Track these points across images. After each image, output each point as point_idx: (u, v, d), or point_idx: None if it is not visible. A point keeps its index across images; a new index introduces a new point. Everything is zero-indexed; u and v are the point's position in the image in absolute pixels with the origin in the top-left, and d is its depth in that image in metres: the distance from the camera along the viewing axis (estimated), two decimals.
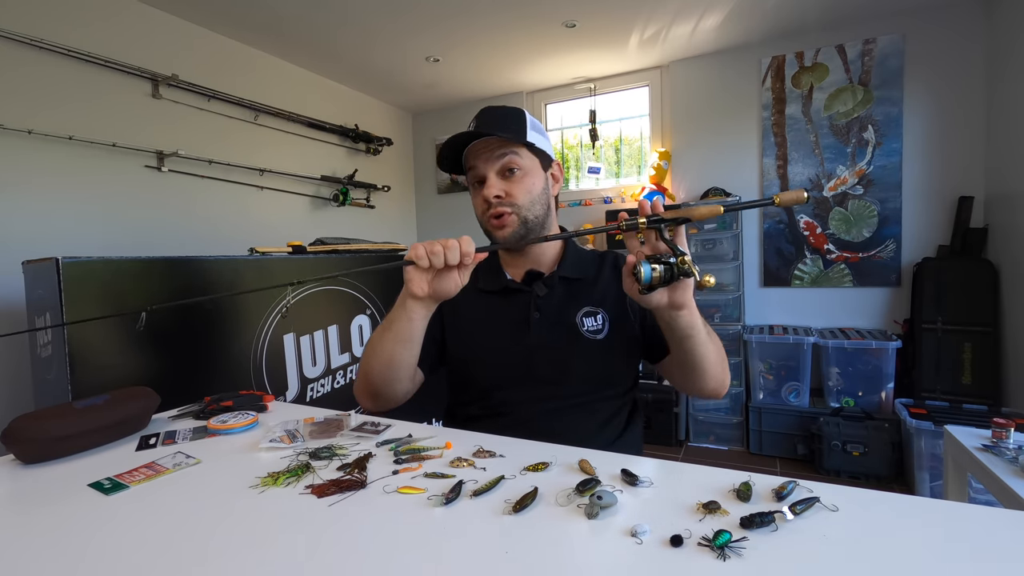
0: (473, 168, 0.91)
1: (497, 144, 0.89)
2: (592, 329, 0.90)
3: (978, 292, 2.41)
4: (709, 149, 3.13)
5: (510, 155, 0.89)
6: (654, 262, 0.64)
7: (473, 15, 2.48)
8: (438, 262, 0.72)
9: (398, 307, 0.80)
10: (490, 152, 0.89)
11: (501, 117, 0.91)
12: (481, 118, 0.90)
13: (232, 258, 1.58)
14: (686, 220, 0.67)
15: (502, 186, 0.89)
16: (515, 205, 0.89)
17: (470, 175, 0.93)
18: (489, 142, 0.89)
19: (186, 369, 1.41)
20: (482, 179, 0.90)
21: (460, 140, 0.89)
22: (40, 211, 1.91)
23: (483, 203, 0.90)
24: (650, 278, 0.64)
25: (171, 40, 2.34)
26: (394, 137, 3.75)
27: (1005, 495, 1.08)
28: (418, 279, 0.75)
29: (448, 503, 0.52)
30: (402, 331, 0.79)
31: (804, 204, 0.64)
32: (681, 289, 0.69)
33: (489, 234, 0.93)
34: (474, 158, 0.91)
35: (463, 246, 0.73)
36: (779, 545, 0.43)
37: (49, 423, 0.68)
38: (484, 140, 0.89)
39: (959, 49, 2.55)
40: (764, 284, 3.03)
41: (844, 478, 2.39)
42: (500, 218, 0.89)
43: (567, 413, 0.88)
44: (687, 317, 0.73)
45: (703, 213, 0.67)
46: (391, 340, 0.81)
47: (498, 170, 0.89)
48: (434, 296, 0.77)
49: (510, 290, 0.95)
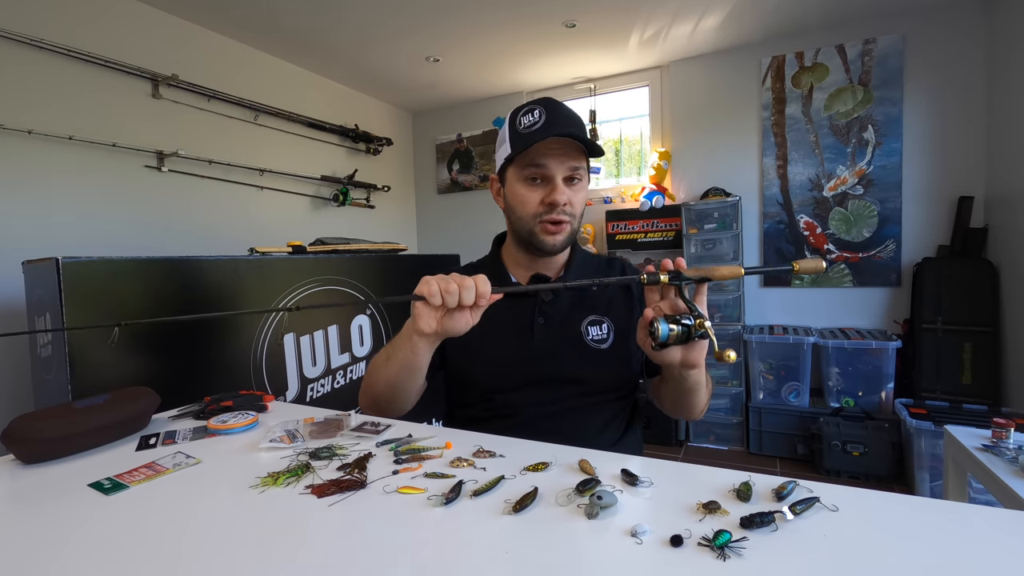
0: (541, 165, 0.85)
1: (574, 148, 0.85)
2: (597, 338, 0.89)
3: (978, 292, 2.42)
4: (709, 149, 3.13)
5: (581, 163, 0.87)
6: (672, 321, 0.62)
7: (473, 15, 2.48)
8: (452, 302, 0.67)
9: (403, 338, 0.77)
10: (565, 155, 0.85)
11: (574, 118, 0.87)
12: (552, 112, 0.85)
13: (232, 258, 1.58)
14: (707, 279, 0.66)
15: (568, 194, 0.86)
16: (573, 215, 0.88)
17: (530, 170, 0.86)
18: (566, 143, 0.84)
19: (186, 369, 1.41)
20: (546, 178, 0.86)
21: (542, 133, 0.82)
22: (40, 211, 1.91)
23: (542, 206, 0.86)
24: (667, 337, 0.62)
25: (171, 40, 2.34)
26: (394, 137, 3.74)
27: (1005, 495, 1.08)
28: (427, 316, 0.70)
29: (448, 503, 0.52)
30: (406, 362, 0.77)
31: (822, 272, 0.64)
32: (696, 350, 0.68)
33: (535, 236, 0.88)
34: (547, 156, 0.85)
35: (479, 286, 0.68)
36: (779, 545, 0.43)
37: (49, 423, 0.68)
38: (562, 140, 0.84)
39: (959, 49, 2.55)
40: (764, 284, 3.03)
41: (844, 478, 2.39)
42: (558, 224, 0.86)
43: (569, 416, 0.87)
44: (696, 376, 0.72)
45: (724, 274, 0.65)
46: (395, 369, 0.79)
47: (566, 175, 0.86)
48: (441, 334, 0.72)
49: (515, 294, 0.94)
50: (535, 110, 0.86)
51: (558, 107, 0.87)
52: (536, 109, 0.86)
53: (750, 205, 3.03)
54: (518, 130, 0.86)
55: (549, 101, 0.88)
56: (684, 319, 0.63)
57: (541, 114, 0.85)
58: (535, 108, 0.86)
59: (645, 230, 3.19)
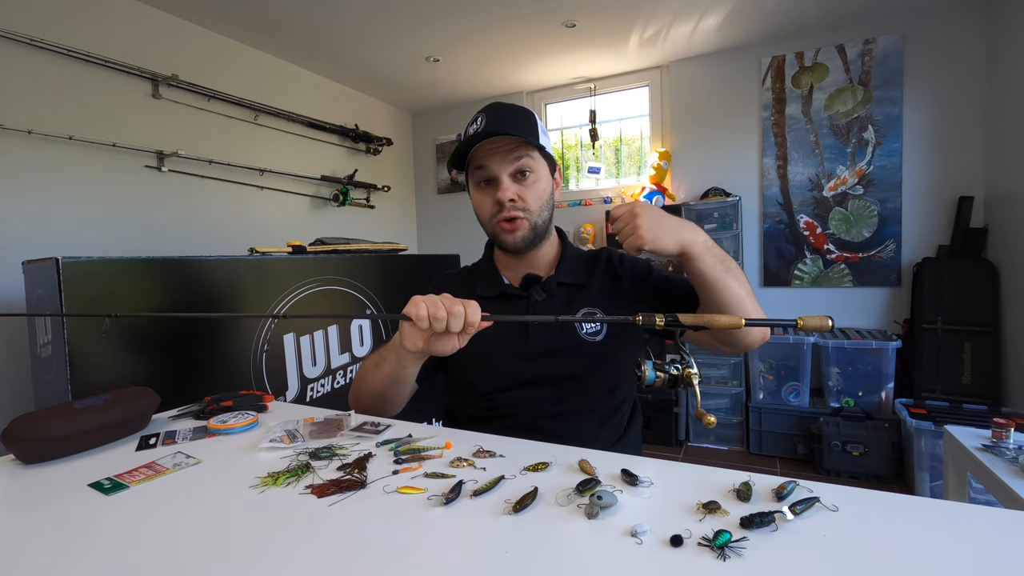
0: (483, 167, 0.86)
1: (513, 144, 0.85)
2: (590, 332, 0.90)
3: (978, 292, 2.42)
4: (709, 149, 3.13)
5: (525, 157, 0.86)
6: (659, 369, 0.64)
7: (473, 15, 2.48)
8: (439, 328, 0.67)
9: (391, 349, 0.78)
10: (505, 153, 0.85)
11: (513, 116, 0.87)
12: (492, 115, 0.85)
13: (232, 258, 1.58)
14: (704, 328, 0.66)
15: (515, 189, 0.86)
16: (527, 210, 0.87)
17: (477, 174, 0.88)
18: (503, 142, 0.84)
19: (186, 369, 1.41)
20: (491, 179, 0.87)
21: (477, 138, 0.83)
22: (40, 211, 1.91)
23: (493, 205, 0.87)
24: (652, 382, 0.64)
25: (171, 40, 2.34)
26: (394, 137, 3.74)
27: (1005, 495, 1.08)
28: (413, 336, 0.70)
29: (448, 503, 0.52)
30: (393, 373, 0.79)
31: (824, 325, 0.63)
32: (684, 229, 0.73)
33: (496, 237, 0.91)
34: (485, 157, 0.85)
35: (469, 314, 0.67)
36: (779, 545, 0.43)
37: (49, 423, 0.68)
38: (497, 139, 0.83)
39: (959, 49, 2.55)
40: (764, 284, 3.03)
41: (844, 478, 2.39)
42: (512, 222, 0.86)
43: (568, 415, 0.88)
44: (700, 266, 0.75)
45: (723, 323, 0.64)
46: (382, 378, 0.81)
47: (511, 172, 0.86)
48: (428, 352, 0.72)
49: (508, 296, 0.94)
50: (478, 117, 0.87)
51: (499, 108, 0.88)
52: (480, 116, 0.87)
53: (750, 205, 3.03)
54: (463, 139, 0.87)
55: (492, 105, 0.89)
56: (672, 368, 0.64)
57: (482, 120, 0.85)
58: (479, 116, 0.87)
59: None
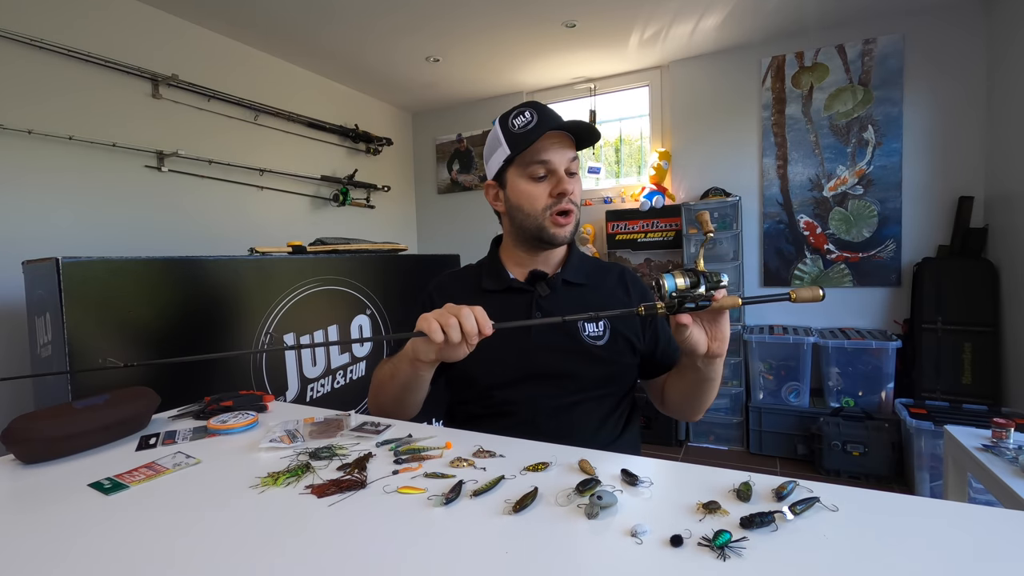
0: (546, 160, 0.87)
1: (569, 141, 0.89)
2: (593, 335, 0.90)
3: (978, 292, 2.42)
4: (709, 149, 3.13)
5: (576, 156, 0.90)
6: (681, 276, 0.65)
7: (473, 15, 2.48)
8: (455, 336, 0.68)
9: (404, 360, 0.79)
10: (564, 148, 0.88)
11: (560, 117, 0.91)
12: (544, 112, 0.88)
13: (232, 258, 1.58)
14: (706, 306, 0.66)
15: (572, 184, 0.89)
16: (576, 206, 0.91)
17: (534, 167, 0.88)
18: (564, 138, 0.88)
19: (186, 369, 1.41)
20: (552, 172, 0.88)
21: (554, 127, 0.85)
22: (40, 211, 1.91)
23: (550, 198, 0.88)
24: (673, 290, 0.64)
25: (171, 40, 2.34)
26: (394, 137, 3.75)
27: (1005, 495, 1.08)
28: (426, 348, 0.72)
29: (448, 503, 0.52)
30: (410, 383, 0.81)
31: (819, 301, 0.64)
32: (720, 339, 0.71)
33: (544, 230, 0.90)
34: (549, 150, 0.87)
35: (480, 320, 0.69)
36: (779, 545, 0.43)
37: (49, 423, 0.68)
38: (561, 134, 0.88)
39: (959, 49, 2.55)
40: (764, 284, 3.03)
41: (844, 478, 2.39)
42: (567, 215, 0.89)
43: (567, 413, 0.88)
44: (718, 365, 0.76)
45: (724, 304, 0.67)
46: (400, 387, 0.83)
47: (567, 167, 0.89)
48: (441, 360, 0.75)
49: (512, 289, 0.95)
50: (525, 111, 0.88)
51: (545, 107, 0.90)
52: (527, 111, 0.88)
53: (750, 205, 3.03)
54: (513, 132, 0.88)
55: (536, 103, 0.91)
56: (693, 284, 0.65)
57: (533, 114, 0.87)
58: (525, 110, 0.89)
59: (645, 230, 3.20)
